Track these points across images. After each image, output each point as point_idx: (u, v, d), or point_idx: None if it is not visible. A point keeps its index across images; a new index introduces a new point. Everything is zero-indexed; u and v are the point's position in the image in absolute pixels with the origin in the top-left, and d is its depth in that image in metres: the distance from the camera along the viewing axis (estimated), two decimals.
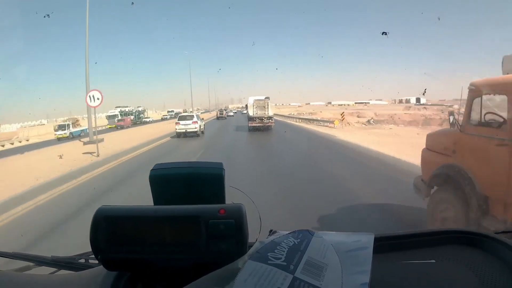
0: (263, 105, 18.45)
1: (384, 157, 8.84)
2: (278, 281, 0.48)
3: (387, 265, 0.65)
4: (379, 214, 4.20)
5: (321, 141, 13.86)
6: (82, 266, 0.87)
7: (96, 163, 9.60)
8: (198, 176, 0.72)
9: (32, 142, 21.16)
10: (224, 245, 0.58)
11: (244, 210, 0.61)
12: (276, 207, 4.33)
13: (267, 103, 18.43)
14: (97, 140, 11.76)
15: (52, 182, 7.13)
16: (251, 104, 18.65)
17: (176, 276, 0.61)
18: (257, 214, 0.77)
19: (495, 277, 0.60)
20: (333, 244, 0.57)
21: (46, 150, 13.85)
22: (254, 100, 18.68)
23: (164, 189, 0.72)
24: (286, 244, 0.55)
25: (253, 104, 18.55)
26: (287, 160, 9.19)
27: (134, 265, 0.61)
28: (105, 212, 0.61)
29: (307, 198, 5.03)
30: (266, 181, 6.30)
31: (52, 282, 0.76)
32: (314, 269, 0.51)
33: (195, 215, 0.60)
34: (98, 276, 0.66)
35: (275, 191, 5.41)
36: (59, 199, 5.90)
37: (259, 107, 18.44)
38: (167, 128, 20.39)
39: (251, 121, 18.43)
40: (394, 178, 6.24)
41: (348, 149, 10.97)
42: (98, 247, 0.59)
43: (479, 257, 0.67)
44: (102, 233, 0.59)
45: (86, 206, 4.88)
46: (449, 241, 0.75)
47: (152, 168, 0.73)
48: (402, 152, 8.78)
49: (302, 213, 4.23)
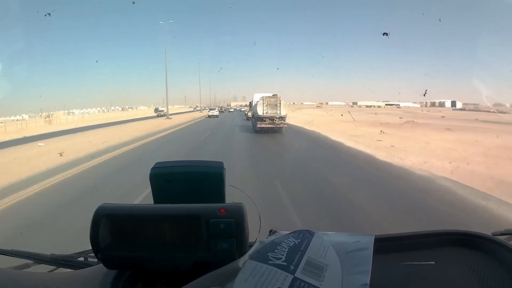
0: (274, 103, 15.43)
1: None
2: (279, 281, 0.48)
3: (387, 266, 0.65)
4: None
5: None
6: (81, 264, 0.87)
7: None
8: (199, 175, 0.72)
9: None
10: (225, 244, 0.58)
11: (245, 210, 0.61)
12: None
13: (279, 101, 15.44)
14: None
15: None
16: (260, 102, 15.56)
17: (176, 275, 0.61)
18: (257, 214, 0.77)
19: (494, 279, 0.60)
20: (333, 245, 0.58)
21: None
22: (264, 97, 15.63)
23: (164, 188, 0.71)
24: (286, 244, 0.55)
25: (262, 101, 15.46)
26: None
27: (134, 264, 0.61)
28: (105, 210, 0.60)
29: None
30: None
31: (51, 280, 0.75)
32: (314, 269, 0.51)
33: (195, 214, 0.60)
34: (97, 275, 0.66)
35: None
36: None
37: (270, 105, 15.41)
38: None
39: (260, 122, 15.33)
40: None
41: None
42: (98, 245, 0.59)
43: (479, 259, 0.68)
44: (102, 231, 0.59)
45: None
46: (449, 242, 0.75)
47: (153, 167, 0.73)
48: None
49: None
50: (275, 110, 15.39)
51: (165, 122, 24.54)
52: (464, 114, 29.39)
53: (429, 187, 5.32)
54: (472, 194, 4.80)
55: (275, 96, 15.79)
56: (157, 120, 28.31)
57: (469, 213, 4.04)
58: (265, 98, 15.55)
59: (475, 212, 4.09)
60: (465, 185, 5.31)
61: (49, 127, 24.40)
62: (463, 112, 32.65)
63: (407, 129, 15.81)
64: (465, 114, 30.47)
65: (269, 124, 15.19)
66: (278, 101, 15.46)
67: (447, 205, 4.35)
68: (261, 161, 8.24)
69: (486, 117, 22.22)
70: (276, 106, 15.42)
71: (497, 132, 11.25)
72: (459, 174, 6.01)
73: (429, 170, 6.49)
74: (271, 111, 15.38)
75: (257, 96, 16.85)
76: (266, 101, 15.43)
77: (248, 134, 15.25)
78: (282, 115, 15.37)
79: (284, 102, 15.77)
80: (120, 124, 23.57)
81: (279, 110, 15.39)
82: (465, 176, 5.81)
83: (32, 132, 19.17)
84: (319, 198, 4.75)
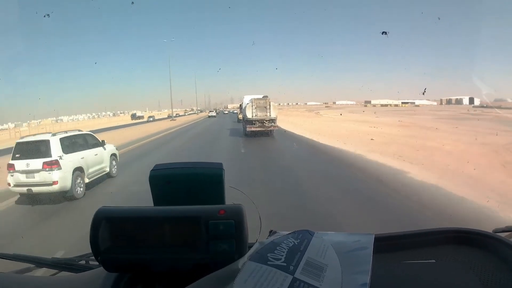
0: (264, 106, 15.01)
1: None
2: (278, 281, 0.48)
3: (387, 265, 0.65)
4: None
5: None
6: (82, 267, 0.87)
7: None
8: (198, 176, 0.72)
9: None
10: (224, 245, 0.58)
11: (244, 211, 0.61)
12: None
13: (268, 103, 15.01)
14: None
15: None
16: (249, 104, 15.18)
17: (176, 277, 0.61)
18: (257, 215, 0.77)
19: (495, 276, 0.60)
20: (333, 245, 0.58)
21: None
22: (253, 100, 15.19)
23: (164, 190, 0.71)
24: (286, 244, 0.55)
25: (251, 104, 15.06)
26: None
27: (134, 266, 0.61)
28: (105, 213, 0.61)
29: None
30: None
31: (52, 283, 0.76)
32: (314, 269, 0.51)
33: (195, 215, 0.60)
34: (98, 278, 0.66)
35: None
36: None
37: (259, 108, 14.95)
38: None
39: (249, 125, 14.91)
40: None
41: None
42: (98, 248, 0.59)
43: (479, 256, 0.67)
44: (102, 234, 0.59)
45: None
46: (449, 240, 0.75)
47: (152, 169, 0.73)
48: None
49: None
50: (264, 112, 14.95)
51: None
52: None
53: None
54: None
55: (264, 98, 15.33)
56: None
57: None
58: (254, 100, 15.09)
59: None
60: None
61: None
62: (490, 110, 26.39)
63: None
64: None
65: (259, 127, 14.81)
66: (268, 103, 15.00)
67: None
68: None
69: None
70: (265, 108, 14.95)
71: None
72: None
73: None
74: (261, 113, 14.94)
75: (247, 98, 16.32)
76: (255, 104, 14.98)
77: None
78: (272, 117, 14.92)
79: (274, 103, 15.42)
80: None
81: (269, 112, 14.94)
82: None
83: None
84: None
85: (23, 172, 5.56)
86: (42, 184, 5.56)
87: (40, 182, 5.56)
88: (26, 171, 5.56)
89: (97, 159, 6.80)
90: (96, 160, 6.76)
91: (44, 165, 5.55)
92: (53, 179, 5.54)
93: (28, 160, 5.58)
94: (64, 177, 5.64)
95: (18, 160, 5.61)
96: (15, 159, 5.64)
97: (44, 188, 5.56)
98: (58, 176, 5.58)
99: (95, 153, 6.78)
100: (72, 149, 6.12)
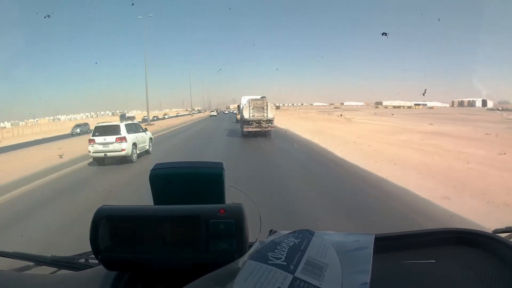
0: (261, 106, 15.04)
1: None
2: (278, 281, 0.48)
3: (388, 265, 0.65)
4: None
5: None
6: (82, 266, 0.87)
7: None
8: (198, 175, 0.72)
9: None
10: (224, 244, 0.58)
11: (244, 210, 0.61)
12: None
13: (265, 104, 15.12)
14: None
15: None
16: (246, 105, 15.23)
17: (176, 276, 0.61)
18: (257, 214, 0.77)
19: (495, 277, 0.60)
20: (333, 244, 0.57)
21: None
22: (250, 100, 15.27)
23: (164, 189, 0.72)
24: (286, 244, 0.55)
25: (248, 104, 15.09)
26: None
27: (134, 265, 0.61)
28: (105, 212, 0.61)
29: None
30: None
31: (52, 282, 0.76)
32: (314, 269, 0.51)
33: (195, 214, 0.60)
34: (98, 276, 0.66)
35: None
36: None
37: (256, 108, 14.98)
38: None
39: (246, 125, 14.93)
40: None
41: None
42: (98, 247, 0.59)
43: (479, 257, 0.67)
44: (102, 232, 0.59)
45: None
46: (449, 241, 0.75)
47: (152, 168, 0.73)
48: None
49: None
50: (262, 113, 15.02)
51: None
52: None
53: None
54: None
55: (262, 99, 15.40)
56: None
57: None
58: (251, 101, 15.16)
59: None
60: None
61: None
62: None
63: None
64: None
65: (256, 128, 14.86)
66: (265, 103, 15.08)
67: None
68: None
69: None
70: (263, 109, 15.01)
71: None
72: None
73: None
74: (258, 114, 15.00)
75: (244, 99, 16.31)
76: (253, 104, 15.06)
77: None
78: (270, 118, 14.98)
79: (271, 104, 15.45)
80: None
81: (266, 113, 15.01)
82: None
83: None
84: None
85: (100, 144, 8.87)
86: (114, 151, 8.87)
87: (113, 150, 8.87)
88: (103, 143, 8.87)
89: (143, 139, 10.22)
90: (142, 140, 10.13)
91: (117, 139, 8.90)
92: (122, 148, 8.89)
93: (105, 136, 8.89)
94: (128, 147, 8.98)
95: (97, 137, 8.93)
96: (95, 136, 8.95)
97: (115, 153, 8.90)
98: (125, 146, 8.93)
99: (142, 136, 10.21)
100: (131, 131, 9.44)
